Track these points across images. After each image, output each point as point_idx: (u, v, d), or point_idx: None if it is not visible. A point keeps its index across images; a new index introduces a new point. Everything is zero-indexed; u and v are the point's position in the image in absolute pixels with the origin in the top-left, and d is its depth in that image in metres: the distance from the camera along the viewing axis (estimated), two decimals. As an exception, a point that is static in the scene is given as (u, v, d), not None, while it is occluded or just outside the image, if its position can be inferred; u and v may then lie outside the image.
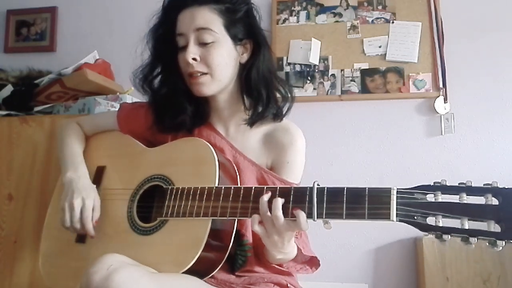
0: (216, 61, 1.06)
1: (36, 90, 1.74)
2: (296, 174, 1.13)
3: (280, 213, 0.87)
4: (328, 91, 2.19)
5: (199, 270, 0.95)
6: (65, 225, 1.10)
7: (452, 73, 2.10)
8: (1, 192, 1.59)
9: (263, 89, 1.11)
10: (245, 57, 1.13)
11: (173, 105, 1.13)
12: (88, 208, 1.08)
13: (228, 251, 0.98)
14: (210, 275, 0.99)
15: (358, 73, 2.18)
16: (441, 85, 2.10)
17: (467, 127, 2.09)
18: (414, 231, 2.19)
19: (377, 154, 2.13)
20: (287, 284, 1.08)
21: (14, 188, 1.58)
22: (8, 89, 1.75)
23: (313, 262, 1.11)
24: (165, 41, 1.11)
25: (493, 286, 1.82)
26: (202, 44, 1.06)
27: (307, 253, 1.05)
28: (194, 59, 1.06)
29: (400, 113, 2.14)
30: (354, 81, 2.18)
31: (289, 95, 1.15)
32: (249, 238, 1.08)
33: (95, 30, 2.42)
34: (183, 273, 0.93)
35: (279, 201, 0.88)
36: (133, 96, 1.77)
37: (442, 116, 2.09)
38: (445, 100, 2.09)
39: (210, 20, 1.06)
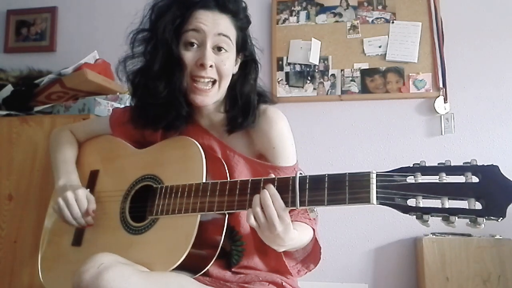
0: (227, 71, 1.07)
1: (36, 90, 1.74)
2: (288, 157, 1.11)
3: (271, 209, 0.87)
4: (328, 91, 2.19)
5: (191, 266, 0.96)
6: (68, 221, 1.10)
7: (452, 73, 2.11)
8: (1, 192, 1.59)
9: (252, 99, 1.11)
10: (236, 69, 1.13)
11: (172, 105, 1.08)
12: (82, 197, 1.10)
13: (220, 246, 0.98)
14: (203, 272, 0.99)
15: (358, 73, 2.18)
16: (441, 85, 2.10)
17: (467, 127, 2.09)
18: (414, 231, 2.19)
19: (377, 154, 2.14)
20: (282, 283, 1.08)
21: (14, 188, 1.58)
22: (8, 89, 1.75)
23: (314, 256, 1.09)
24: (174, 35, 1.06)
25: (493, 286, 1.82)
26: (217, 50, 1.05)
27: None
28: (211, 66, 1.04)
29: (400, 113, 2.15)
30: (354, 81, 2.18)
31: (273, 102, 1.17)
32: (243, 234, 1.08)
33: (95, 30, 2.42)
34: (174, 269, 0.93)
35: (268, 197, 0.88)
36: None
37: (442, 116, 2.09)
38: (445, 100, 2.09)
39: (231, 30, 1.07)
